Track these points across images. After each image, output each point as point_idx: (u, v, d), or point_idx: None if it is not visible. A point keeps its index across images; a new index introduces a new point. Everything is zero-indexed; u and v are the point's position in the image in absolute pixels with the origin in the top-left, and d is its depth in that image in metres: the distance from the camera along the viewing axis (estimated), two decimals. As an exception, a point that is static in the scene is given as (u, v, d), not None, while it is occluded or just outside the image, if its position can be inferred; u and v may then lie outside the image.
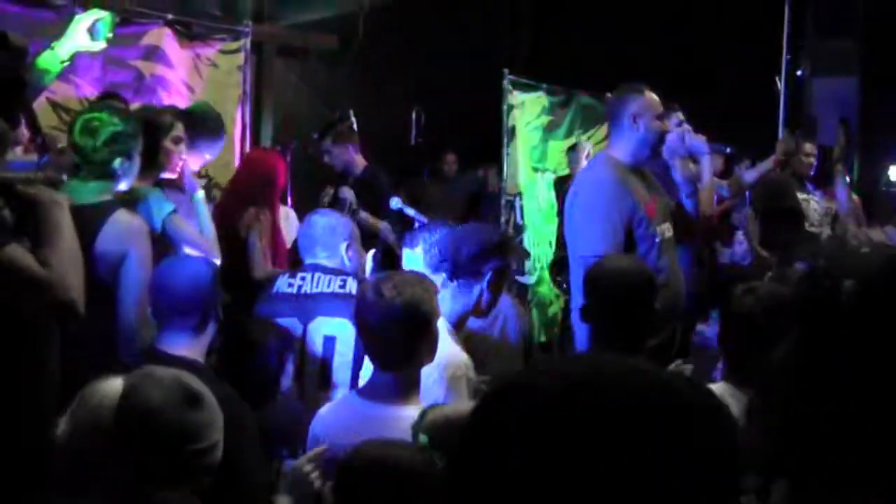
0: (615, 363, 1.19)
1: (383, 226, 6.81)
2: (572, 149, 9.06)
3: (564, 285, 7.91)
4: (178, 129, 4.70)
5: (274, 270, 5.31)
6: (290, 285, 4.38)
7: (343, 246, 4.43)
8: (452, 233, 4.08)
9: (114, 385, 2.28)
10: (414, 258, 4.28)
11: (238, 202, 5.70)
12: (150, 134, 4.44)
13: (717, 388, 3.30)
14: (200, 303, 3.47)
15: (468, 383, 3.50)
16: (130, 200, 4.23)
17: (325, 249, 4.41)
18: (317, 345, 4.21)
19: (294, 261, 5.10)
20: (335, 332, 4.20)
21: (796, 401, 1.94)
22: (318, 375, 4.19)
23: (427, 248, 4.11)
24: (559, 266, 8.05)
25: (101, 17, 4.71)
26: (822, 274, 1.97)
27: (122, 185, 4.19)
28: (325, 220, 4.53)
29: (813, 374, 1.94)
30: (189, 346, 3.45)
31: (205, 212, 4.81)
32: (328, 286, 4.31)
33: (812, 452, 1.85)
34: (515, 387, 1.19)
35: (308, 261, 4.46)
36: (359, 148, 7.27)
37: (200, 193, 4.85)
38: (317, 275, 4.35)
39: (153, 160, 4.55)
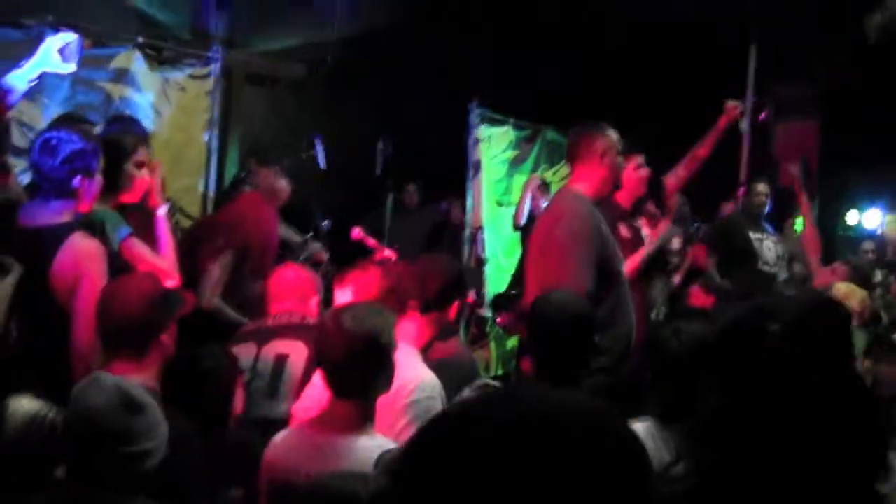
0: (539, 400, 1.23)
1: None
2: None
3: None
4: (142, 154, 4.70)
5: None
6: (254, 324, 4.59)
7: (313, 301, 4.55)
8: (420, 266, 4.18)
9: (24, 404, 2.39)
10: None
11: (218, 242, 5.69)
12: (112, 156, 4.44)
13: (640, 427, 3.35)
14: (144, 324, 3.46)
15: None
16: (88, 223, 4.23)
17: (291, 301, 4.49)
18: (269, 361, 4.25)
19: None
20: (288, 350, 4.25)
21: (723, 440, 2.01)
22: (266, 388, 4.24)
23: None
24: (502, 302, 8.17)
25: (71, 40, 4.72)
26: (748, 317, 2.05)
27: (83, 206, 4.18)
28: (294, 275, 4.65)
29: (736, 413, 2.00)
30: (135, 370, 3.41)
31: (166, 230, 4.80)
32: (289, 320, 4.41)
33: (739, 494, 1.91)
34: (449, 417, 1.24)
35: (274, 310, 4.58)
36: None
37: (163, 210, 4.84)
38: (280, 315, 4.44)
39: (114, 182, 4.53)
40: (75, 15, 7.44)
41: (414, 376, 3.59)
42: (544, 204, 7.99)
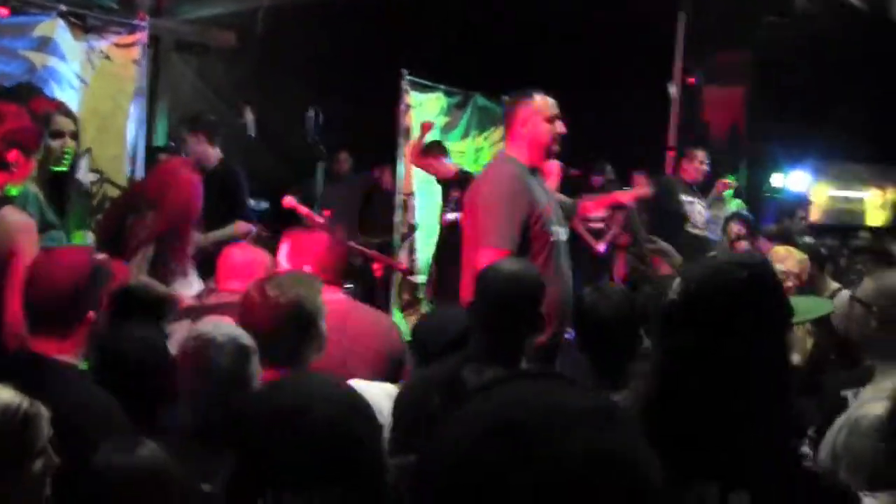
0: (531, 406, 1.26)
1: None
2: None
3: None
4: (58, 124, 4.67)
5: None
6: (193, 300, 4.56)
7: None
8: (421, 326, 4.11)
9: None
10: None
11: (143, 211, 5.66)
12: None
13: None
14: (71, 300, 3.33)
15: None
16: (12, 197, 4.21)
17: (240, 281, 4.47)
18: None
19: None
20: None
21: (651, 402, 2.07)
22: None
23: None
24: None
25: None
26: (657, 285, 2.11)
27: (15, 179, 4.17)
28: (243, 254, 4.63)
29: (658, 377, 2.06)
30: (58, 347, 3.28)
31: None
32: (228, 299, 4.39)
33: (667, 450, 1.98)
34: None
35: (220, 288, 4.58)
36: (215, 141, 7.07)
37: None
38: (221, 293, 4.44)
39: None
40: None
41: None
42: None
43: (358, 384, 3.74)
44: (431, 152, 8.65)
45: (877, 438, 2.99)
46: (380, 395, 3.47)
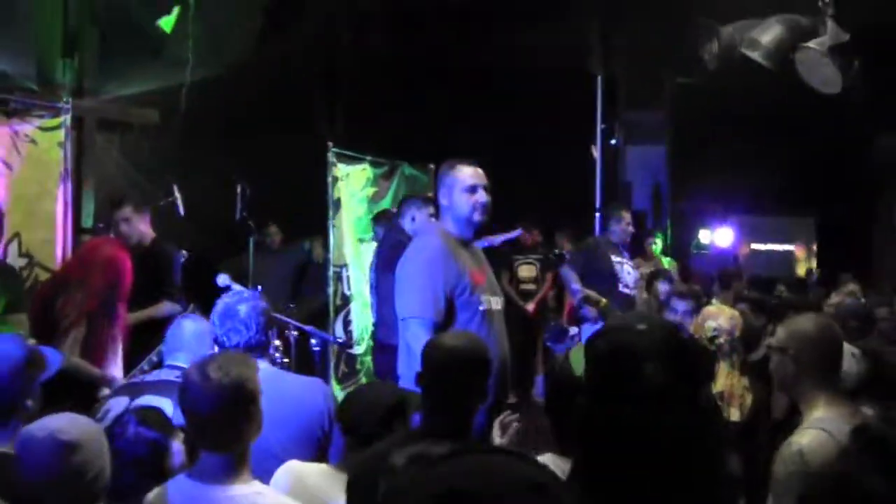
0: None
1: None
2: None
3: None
4: None
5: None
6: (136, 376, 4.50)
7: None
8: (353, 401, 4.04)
9: None
10: None
11: (70, 292, 5.62)
12: None
13: (545, 458, 3.42)
14: (7, 393, 3.40)
15: None
16: None
17: (189, 353, 4.43)
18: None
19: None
20: (156, 405, 4.21)
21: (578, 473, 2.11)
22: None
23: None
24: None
25: None
26: (616, 354, 2.14)
27: None
28: (194, 326, 4.60)
29: (611, 438, 2.10)
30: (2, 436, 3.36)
31: None
32: (169, 376, 4.35)
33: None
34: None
35: (168, 361, 4.57)
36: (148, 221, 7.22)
37: None
38: (161, 370, 4.40)
39: None
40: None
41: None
42: None
43: (299, 467, 3.73)
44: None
45: (799, 465, 3.11)
46: (324, 479, 3.48)
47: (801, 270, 12.09)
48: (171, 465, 3.51)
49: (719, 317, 5.92)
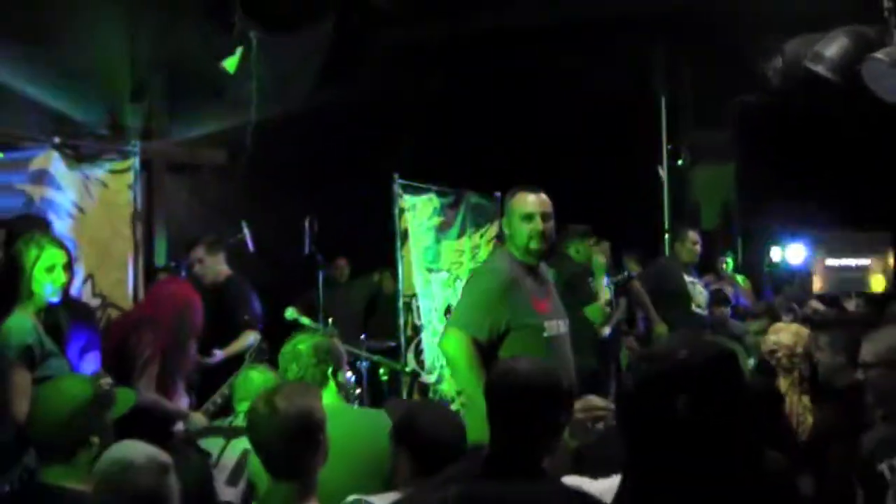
0: None
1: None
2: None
3: None
4: (48, 258, 4.75)
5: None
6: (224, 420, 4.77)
7: None
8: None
9: None
10: None
11: (142, 329, 5.72)
12: (15, 264, 4.56)
13: (612, 480, 3.37)
14: (69, 430, 3.47)
15: None
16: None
17: None
18: (235, 455, 4.30)
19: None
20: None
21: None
22: (229, 477, 4.34)
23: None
24: None
25: None
26: (651, 386, 2.09)
27: None
28: (262, 378, 4.81)
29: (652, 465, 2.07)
30: (65, 475, 3.43)
31: None
32: None
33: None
34: None
35: (239, 409, 4.77)
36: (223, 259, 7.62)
37: None
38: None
39: (27, 289, 4.71)
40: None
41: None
42: None
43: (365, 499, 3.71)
44: None
45: None
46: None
47: (876, 285, 11.87)
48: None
49: (781, 332, 5.82)
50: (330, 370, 4.32)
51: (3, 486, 4.02)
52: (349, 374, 6.52)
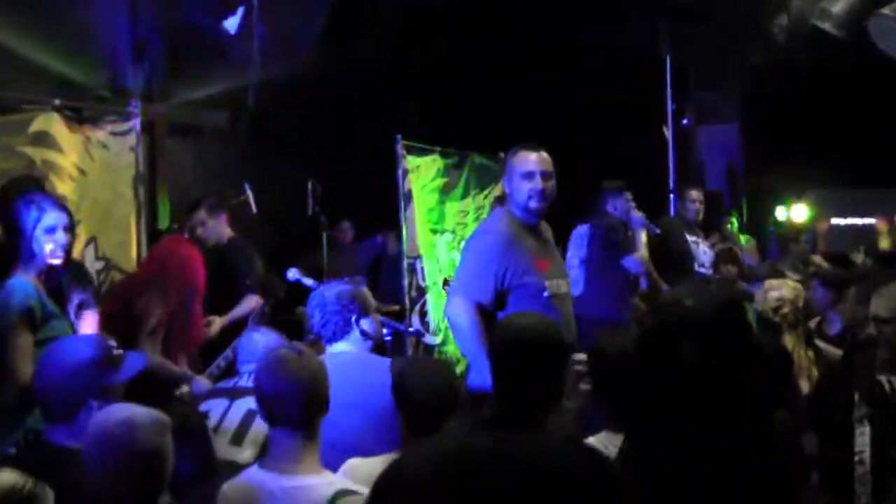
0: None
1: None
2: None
3: None
4: (49, 219, 4.71)
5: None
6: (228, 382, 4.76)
7: None
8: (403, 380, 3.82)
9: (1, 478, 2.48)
10: None
11: (149, 291, 5.72)
12: (17, 227, 4.53)
13: (597, 438, 3.38)
14: (72, 387, 3.51)
15: None
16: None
17: None
18: (238, 415, 4.30)
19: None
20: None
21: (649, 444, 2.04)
22: (232, 437, 4.30)
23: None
24: None
25: None
26: (657, 332, 2.06)
27: None
28: (265, 340, 4.77)
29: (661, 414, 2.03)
30: (67, 434, 3.49)
31: None
32: None
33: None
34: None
35: (244, 370, 4.74)
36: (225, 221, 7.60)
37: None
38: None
39: (26, 251, 4.65)
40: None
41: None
42: None
43: (358, 463, 3.70)
44: None
45: None
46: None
47: (883, 244, 11.82)
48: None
49: (782, 288, 5.81)
50: (353, 318, 4.34)
51: (9, 447, 4.02)
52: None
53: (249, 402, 4.24)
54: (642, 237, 7.77)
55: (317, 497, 3.12)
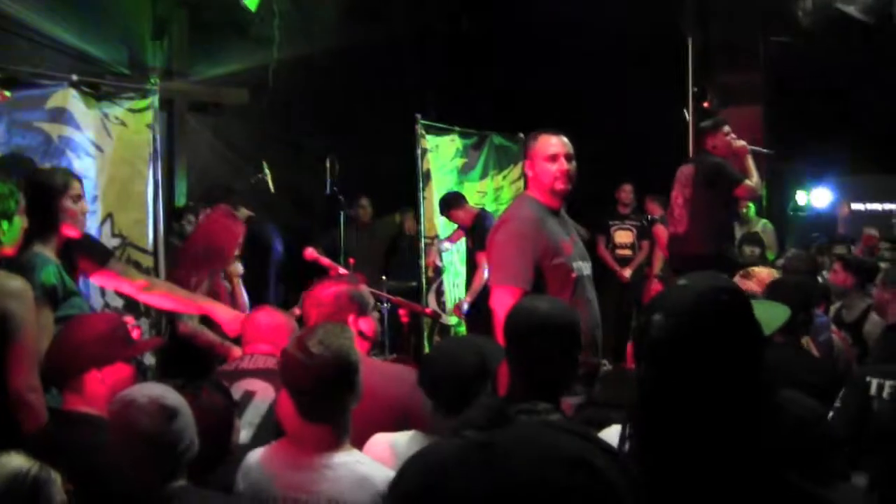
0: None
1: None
2: None
3: None
4: (76, 188, 4.72)
5: None
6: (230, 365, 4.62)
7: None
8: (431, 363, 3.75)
9: (9, 461, 2.47)
10: None
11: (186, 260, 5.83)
12: (43, 196, 4.51)
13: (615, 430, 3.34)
14: (78, 356, 3.61)
15: None
16: (17, 263, 4.31)
17: (267, 344, 4.50)
18: (237, 394, 4.28)
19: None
20: (256, 388, 4.25)
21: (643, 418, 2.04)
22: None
23: None
24: None
25: None
26: (645, 309, 2.09)
27: (6, 249, 4.24)
28: (268, 318, 4.66)
29: (650, 395, 2.03)
30: (82, 401, 3.59)
31: None
32: (264, 364, 4.40)
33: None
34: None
35: (247, 350, 4.62)
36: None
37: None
38: (257, 357, 4.45)
39: (49, 222, 4.61)
40: (7, 56, 7.41)
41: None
42: None
43: (386, 437, 3.67)
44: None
45: None
46: (415, 445, 3.41)
47: (904, 230, 11.75)
48: (236, 440, 3.58)
49: (751, 280, 5.68)
50: (351, 319, 4.29)
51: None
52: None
53: (246, 385, 4.24)
54: (750, 163, 7.75)
55: (346, 474, 3.14)
